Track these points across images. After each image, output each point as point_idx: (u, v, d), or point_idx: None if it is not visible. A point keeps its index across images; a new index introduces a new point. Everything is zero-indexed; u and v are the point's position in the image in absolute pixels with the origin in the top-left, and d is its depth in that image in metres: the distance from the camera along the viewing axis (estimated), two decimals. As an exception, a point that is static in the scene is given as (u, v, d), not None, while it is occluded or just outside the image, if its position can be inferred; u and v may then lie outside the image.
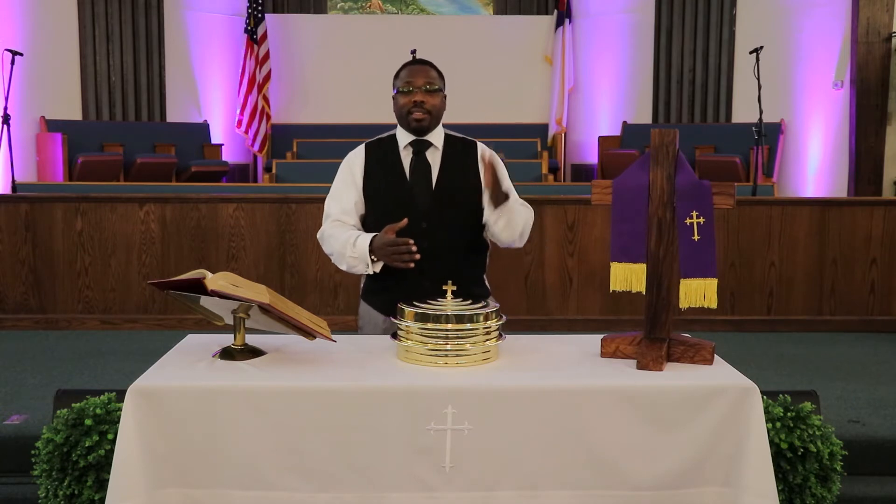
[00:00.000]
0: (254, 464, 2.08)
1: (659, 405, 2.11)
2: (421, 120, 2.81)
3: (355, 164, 2.90)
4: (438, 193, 2.83)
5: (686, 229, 2.28)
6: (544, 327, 5.28)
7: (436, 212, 2.80)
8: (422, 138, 2.86)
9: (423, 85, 2.82)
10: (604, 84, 10.26)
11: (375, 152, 2.90)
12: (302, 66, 10.34)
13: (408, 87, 2.82)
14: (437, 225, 2.79)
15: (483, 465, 2.10)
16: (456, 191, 2.84)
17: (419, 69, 2.85)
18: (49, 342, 4.99)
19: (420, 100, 2.81)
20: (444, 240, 2.79)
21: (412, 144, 2.86)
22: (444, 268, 2.71)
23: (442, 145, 2.88)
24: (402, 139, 2.88)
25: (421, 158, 2.85)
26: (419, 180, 2.84)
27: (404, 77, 2.85)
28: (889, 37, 8.82)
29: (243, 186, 8.79)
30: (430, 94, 2.82)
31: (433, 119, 2.84)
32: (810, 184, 9.37)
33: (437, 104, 2.85)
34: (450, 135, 2.93)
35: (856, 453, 2.93)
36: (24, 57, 7.39)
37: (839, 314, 5.44)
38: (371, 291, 2.93)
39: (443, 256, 2.77)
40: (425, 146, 2.87)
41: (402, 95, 2.84)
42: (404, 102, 2.83)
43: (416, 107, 2.81)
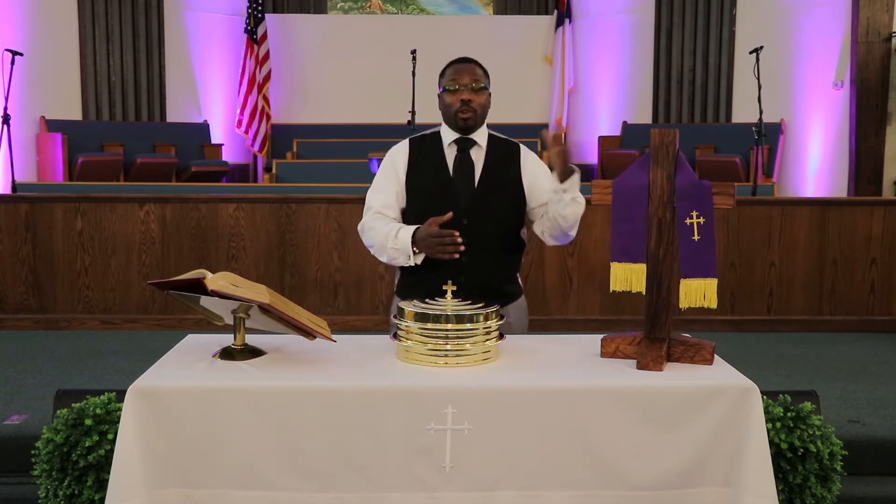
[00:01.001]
0: (254, 464, 2.08)
1: (659, 405, 2.11)
2: (468, 119, 2.82)
3: (398, 158, 2.91)
4: (480, 191, 2.84)
5: (686, 229, 2.28)
6: (544, 327, 5.28)
7: (477, 209, 2.81)
8: (466, 136, 2.87)
9: (470, 83, 2.82)
10: (604, 84, 10.27)
11: (419, 147, 2.91)
12: (302, 66, 10.34)
13: (454, 85, 2.83)
14: (477, 222, 2.80)
15: (483, 465, 2.10)
16: (498, 189, 2.85)
17: (465, 67, 2.86)
18: (49, 342, 4.99)
19: (467, 98, 2.81)
20: (482, 237, 2.80)
21: (457, 142, 2.87)
22: (481, 265, 2.74)
23: (486, 144, 2.89)
24: (447, 136, 2.89)
25: (465, 156, 2.87)
26: (462, 177, 2.85)
27: (450, 75, 2.85)
28: (889, 37, 8.82)
29: (243, 186, 8.79)
30: (476, 92, 2.83)
31: (479, 117, 2.85)
32: (810, 184, 9.37)
33: (483, 102, 2.86)
34: (493, 135, 2.94)
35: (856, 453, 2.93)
36: (24, 57, 7.39)
37: (839, 314, 5.44)
38: (406, 286, 2.91)
39: (480, 253, 2.78)
40: (470, 144, 2.87)
41: (449, 94, 2.84)
42: (451, 101, 2.83)
43: (463, 105, 2.81)
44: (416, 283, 2.83)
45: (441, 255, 2.69)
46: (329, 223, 5.36)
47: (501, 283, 2.85)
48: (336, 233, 5.34)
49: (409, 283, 2.89)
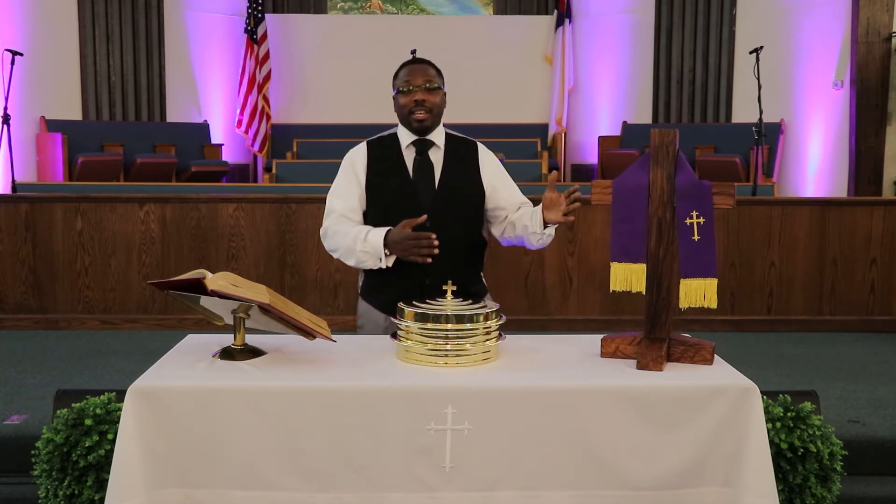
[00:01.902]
0: (254, 464, 2.08)
1: (659, 405, 2.11)
2: (423, 120, 2.83)
3: (357, 161, 2.91)
4: (441, 192, 2.84)
5: (686, 229, 2.28)
6: (544, 327, 5.28)
7: (438, 210, 2.81)
8: (424, 138, 2.88)
9: (423, 84, 2.83)
10: (604, 84, 10.26)
11: (377, 150, 2.91)
12: (302, 66, 10.34)
13: (407, 86, 2.84)
14: (439, 223, 2.80)
15: (483, 465, 2.10)
16: (458, 190, 2.86)
17: (418, 68, 2.86)
18: (49, 342, 4.99)
19: (421, 98, 2.82)
20: (445, 238, 2.79)
21: (415, 144, 2.88)
22: (445, 265, 2.73)
23: (444, 144, 2.90)
24: (405, 138, 2.89)
25: (424, 158, 2.88)
26: (422, 179, 2.86)
27: (403, 77, 2.86)
28: (889, 37, 8.82)
29: (243, 186, 8.79)
30: (430, 92, 2.83)
31: (434, 117, 2.86)
32: (810, 184, 9.37)
33: (438, 102, 2.86)
34: (451, 134, 2.95)
35: (856, 453, 2.93)
36: (24, 57, 7.39)
37: (839, 314, 5.44)
38: (371, 289, 2.93)
39: (444, 254, 2.78)
40: (428, 145, 2.88)
41: (403, 95, 2.85)
42: (405, 102, 2.84)
43: (417, 106, 2.82)
44: (381, 286, 2.86)
45: (415, 258, 2.69)
46: (329, 223, 5.35)
47: (467, 282, 2.84)
48: (336, 233, 5.33)
49: (374, 285, 2.91)
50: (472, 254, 2.94)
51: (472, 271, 2.94)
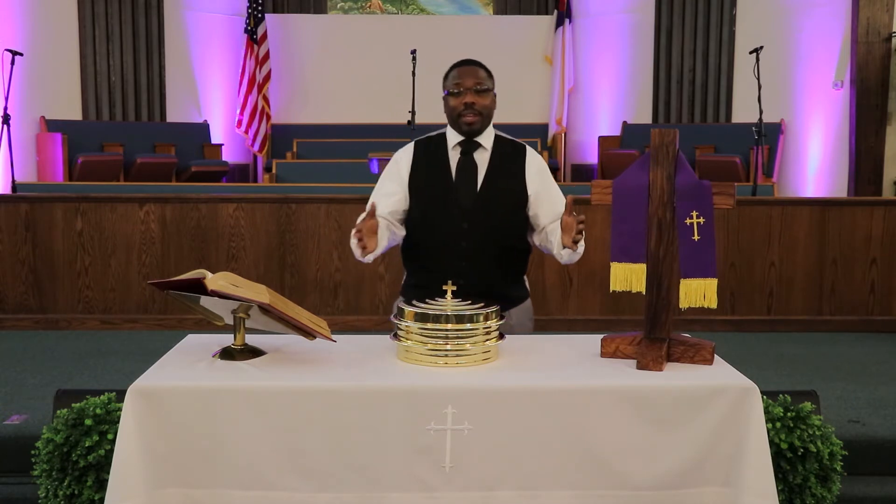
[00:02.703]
0: (254, 464, 2.08)
1: (659, 405, 2.11)
2: (472, 123, 2.80)
3: (402, 159, 2.90)
4: (483, 194, 2.82)
5: (686, 229, 2.28)
6: (544, 327, 5.27)
7: (478, 212, 2.79)
8: (471, 139, 2.85)
9: (474, 86, 2.81)
10: (604, 84, 10.26)
11: (424, 150, 2.90)
12: (302, 66, 10.34)
13: (457, 88, 2.81)
14: (477, 226, 2.79)
15: (483, 465, 2.10)
16: (500, 193, 2.83)
17: (468, 70, 2.84)
18: (49, 342, 4.99)
19: (470, 101, 2.79)
20: (483, 241, 2.79)
21: (461, 144, 2.86)
22: (484, 268, 2.72)
23: (491, 146, 2.87)
24: (452, 139, 2.87)
25: (468, 159, 2.85)
26: (464, 180, 2.83)
27: (454, 78, 2.83)
28: (889, 37, 8.82)
29: (243, 186, 8.79)
30: (480, 94, 2.81)
31: (484, 120, 2.83)
32: (810, 184, 9.37)
33: (488, 104, 2.84)
34: (500, 136, 2.91)
35: (856, 453, 2.93)
36: (24, 57, 7.39)
37: (839, 314, 5.44)
38: (410, 287, 2.91)
39: (481, 257, 2.78)
40: (474, 147, 2.86)
41: (453, 97, 2.82)
42: (455, 104, 2.81)
43: (466, 109, 2.79)
44: (418, 286, 2.84)
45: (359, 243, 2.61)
46: (329, 223, 5.36)
47: (506, 286, 2.84)
48: (336, 233, 5.34)
49: (413, 285, 2.91)
50: (514, 258, 2.91)
51: (512, 275, 2.92)
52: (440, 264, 2.75)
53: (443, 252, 2.80)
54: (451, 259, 2.78)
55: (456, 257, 2.78)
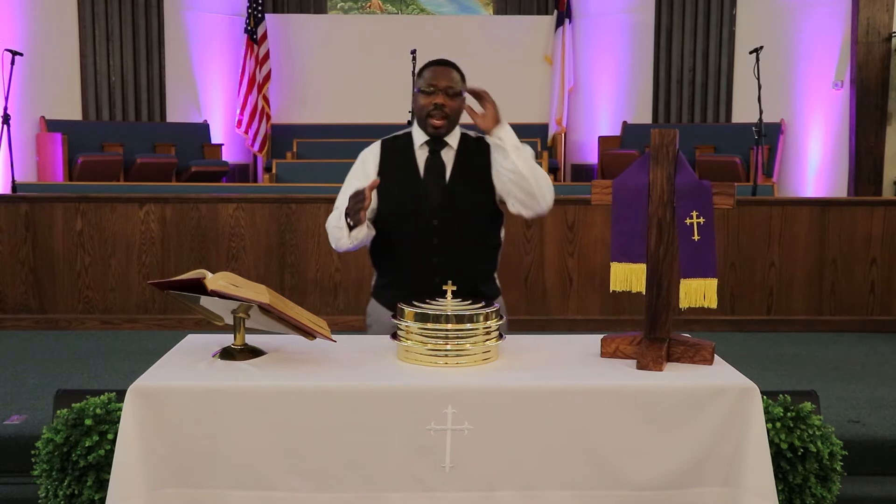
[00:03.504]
0: (254, 464, 2.08)
1: (659, 405, 2.11)
2: (439, 127, 2.81)
3: (369, 159, 2.91)
4: (451, 190, 2.83)
5: (686, 229, 2.27)
6: (544, 327, 5.28)
7: (447, 209, 2.80)
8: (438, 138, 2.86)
9: (446, 88, 2.81)
10: (604, 84, 10.26)
11: (390, 149, 2.90)
12: (302, 66, 10.34)
13: (430, 87, 2.81)
14: (448, 222, 2.80)
15: (483, 465, 2.10)
16: (468, 188, 2.84)
17: (443, 70, 2.84)
18: (49, 342, 4.99)
19: (441, 102, 2.79)
20: (454, 237, 2.79)
21: (428, 144, 2.86)
22: (454, 264, 2.72)
23: (457, 144, 2.88)
24: (419, 138, 2.87)
25: (436, 157, 2.85)
26: (432, 178, 2.84)
27: (427, 78, 2.83)
28: (889, 37, 8.82)
29: (243, 186, 8.79)
30: (451, 97, 2.81)
31: (451, 124, 2.84)
32: (810, 184, 9.38)
33: (457, 107, 2.84)
34: (465, 134, 2.92)
35: (856, 453, 2.93)
36: (24, 57, 7.39)
37: (839, 314, 5.44)
38: (381, 287, 2.93)
39: (453, 253, 2.78)
40: (441, 145, 2.86)
41: (424, 95, 2.82)
42: (425, 103, 2.82)
43: (435, 109, 2.80)
44: (391, 284, 2.86)
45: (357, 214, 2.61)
46: (329, 223, 5.35)
47: (477, 283, 2.83)
48: (336, 233, 5.33)
49: (384, 284, 2.92)
50: (485, 254, 2.91)
51: (485, 272, 2.92)
52: (411, 262, 2.76)
53: (414, 250, 2.80)
54: (422, 256, 2.79)
55: (427, 254, 2.79)
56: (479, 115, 2.74)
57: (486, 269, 2.93)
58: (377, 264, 2.95)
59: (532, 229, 5.32)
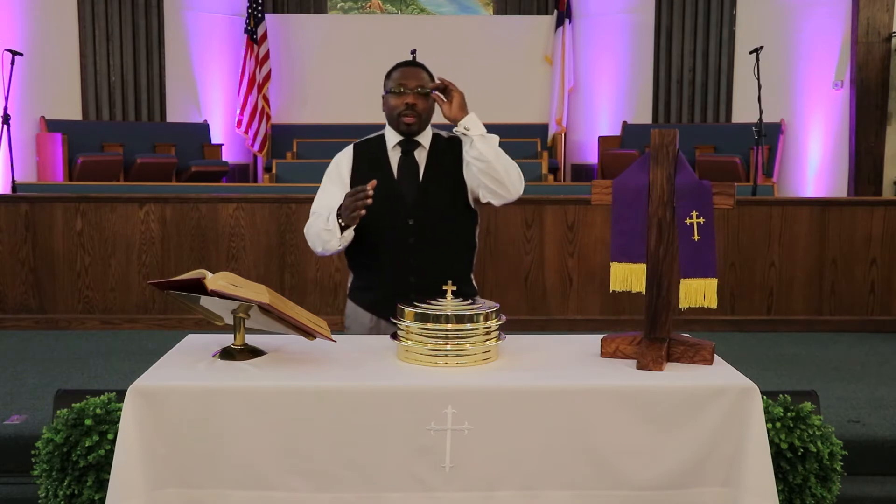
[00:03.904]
0: (253, 464, 2.08)
1: (659, 405, 2.11)
2: (411, 124, 2.83)
3: (343, 163, 2.93)
4: (425, 189, 2.84)
5: (686, 229, 2.27)
6: (544, 327, 5.28)
7: (422, 208, 2.81)
8: (411, 138, 2.88)
9: (416, 87, 2.83)
10: (604, 84, 10.26)
11: (363, 152, 2.92)
12: (302, 66, 10.34)
13: (399, 88, 2.83)
14: (423, 220, 2.81)
15: (483, 465, 2.10)
16: (441, 189, 2.86)
17: (412, 71, 2.86)
18: (49, 342, 4.99)
19: (412, 102, 2.81)
20: (430, 236, 2.81)
21: (400, 144, 2.88)
22: (430, 264, 2.74)
23: (429, 144, 2.90)
24: (391, 139, 2.90)
25: (409, 158, 2.88)
26: (406, 178, 2.86)
27: (397, 78, 2.85)
28: (889, 37, 8.82)
29: (243, 186, 8.79)
30: (421, 96, 2.83)
31: (423, 122, 2.86)
32: (810, 184, 9.37)
33: (428, 107, 2.87)
34: (437, 134, 2.94)
35: (856, 453, 2.93)
36: (24, 57, 7.39)
37: (839, 314, 5.44)
38: (357, 289, 2.94)
39: (429, 252, 2.79)
40: (413, 146, 2.89)
41: (394, 96, 2.84)
42: (395, 104, 2.84)
43: (407, 109, 2.81)
44: (367, 286, 2.87)
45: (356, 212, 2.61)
46: (329, 223, 5.35)
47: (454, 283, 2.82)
48: (336, 233, 5.33)
49: (361, 286, 2.92)
50: (460, 254, 2.92)
51: (460, 271, 2.90)
52: (388, 263, 2.76)
53: (390, 250, 2.81)
54: (398, 257, 2.79)
55: (403, 255, 2.79)
56: (445, 104, 2.76)
57: (462, 269, 2.93)
58: (353, 266, 2.95)
59: (532, 229, 5.32)
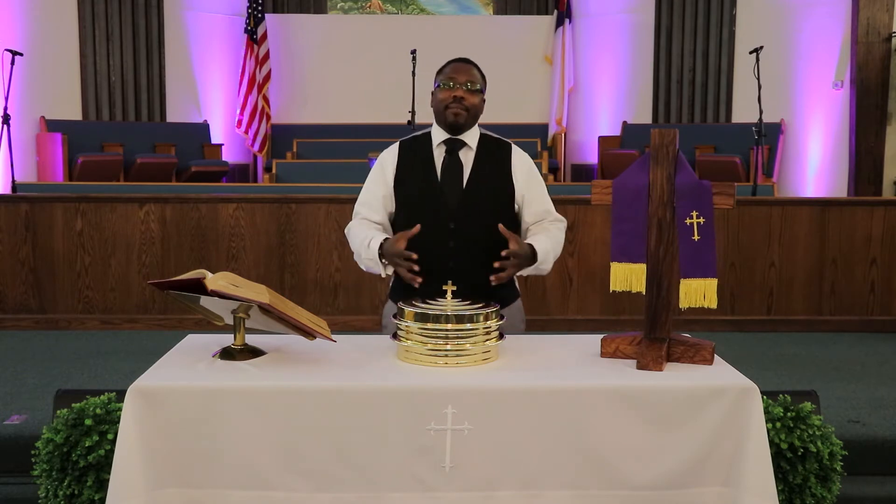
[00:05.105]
0: (253, 464, 2.08)
1: (659, 405, 2.11)
2: (458, 115, 2.79)
3: (387, 161, 2.89)
4: (468, 193, 2.80)
5: (686, 229, 2.27)
6: (544, 327, 5.28)
7: (464, 212, 2.77)
8: (456, 137, 2.84)
9: (465, 83, 2.80)
10: (604, 84, 10.27)
11: (409, 150, 2.89)
12: (302, 66, 10.34)
13: (450, 82, 2.80)
14: (464, 225, 2.77)
15: (483, 465, 2.10)
16: (486, 191, 2.81)
17: (463, 67, 2.83)
18: (49, 342, 4.99)
19: (460, 96, 2.79)
20: (471, 240, 2.77)
21: (446, 143, 2.84)
22: (471, 268, 2.71)
23: (476, 145, 2.86)
24: (437, 137, 2.86)
25: (454, 157, 2.83)
26: (450, 179, 2.81)
27: (448, 72, 2.82)
28: (889, 37, 8.82)
29: (243, 186, 8.79)
30: (470, 92, 2.80)
31: (470, 117, 2.82)
32: (810, 184, 9.38)
33: (477, 104, 2.83)
34: (485, 135, 2.90)
35: (856, 453, 2.93)
36: (24, 57, 7.39)
37: (839, 314, 5.44)
38: (398, 290, 2.90)
39: (469, 256, 2.75)
40: (459, 145, 2.84)
41: (443, 90, 2.81)
42: (444, 97, 2.80)
43: (455, 102, 2.79)
44: (408, 287, 2.83)
45: (403, 277, 2.66)
46: (329, 223, 5.36)
47: (497, 286, 2.82)
48: (336, 233, 5.34)
49: (402, 286, 2.89)
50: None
51: None
52: (428, 265, 2.74)
53: (431, 253, 2.76)
54: (439, 259, 2.75)
55: (444, 257, 2.76)
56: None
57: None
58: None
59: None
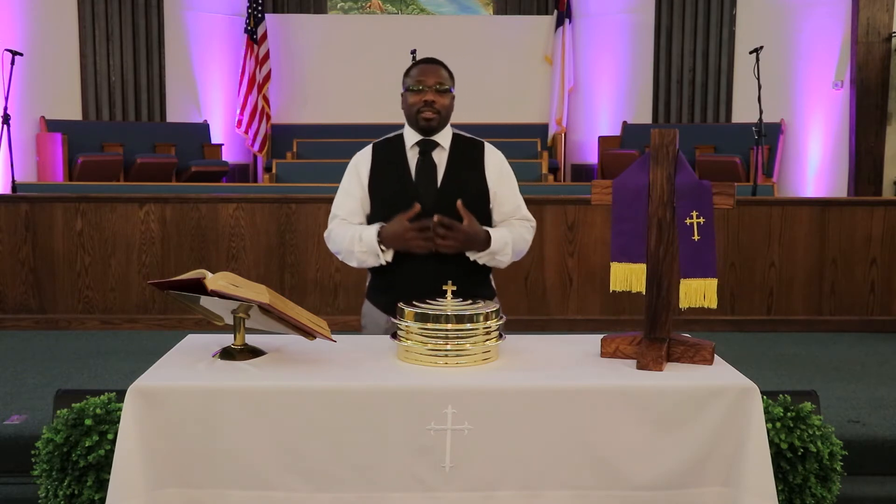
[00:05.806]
0: (253, 464, 2.08)
1: (659, 405, 2.11)
2: (430, 119, 2.80)
3: (361, 164, 2.91)
4: (443, 194, 2.82)
5: (686, 229, 2.27)
6: (544, 327, 5.28)
7: (439, 212, 2.77)
8: (429, 138, 2.85)
9: (434, 84, 2.81)
10: (604, 84, 10.27)
11: (382, 152, 2.90)
12: (302, 66, 10.34)
13: (418, 85, 2.81)
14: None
15: (483, 465, 2.10)
16: (461, 190, 2.83)
17: (431, 68, 2.84)
18: (49, 342, 4.99)
19: (430, 99, 2.79)
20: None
21: (419, 144, 2.86)
22: (449, 267, 2.71)
23: (449, 145, 2.87)
24: (410, 139, 2.87)
25: (427, 158, 2.85)
26: (424, 180, 2.83)
27: (415, 76, 2.84)
28: (889, 37, 8.82)
29: (243, 186, 8.79)
30: (440, 94, 2.81)
31: (442, 119, 2.84)
32: (810, 184, 9.38)
33: (447, 104, 2.85)
34: (457, 134, 2.92)
35: (856, 453, 2.93)
36: (24, 57, 7.39)
37: (839, 314, 5.44)
38: (375, 290, 2.93)
39: (447, 256, 2.77)
40: (432, 146, 2.86)
41: (412, 94, 2.82)
42: (414, 101, 2.82)
43: (425, 106, 2.80)
44: (385, 287, 2.86)
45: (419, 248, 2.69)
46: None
47: (472, 285, 2.80)
48: (336, 233, 5.33)
49: (378, 286, 2.92)
50: None
51: (479, 274, 2.91)
52: (404, 264, 2.75)
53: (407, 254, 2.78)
54: (415, 258, 2.77)
55: (420, 257, 2.77)
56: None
57: (480, 272, 2.92)
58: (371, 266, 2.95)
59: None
